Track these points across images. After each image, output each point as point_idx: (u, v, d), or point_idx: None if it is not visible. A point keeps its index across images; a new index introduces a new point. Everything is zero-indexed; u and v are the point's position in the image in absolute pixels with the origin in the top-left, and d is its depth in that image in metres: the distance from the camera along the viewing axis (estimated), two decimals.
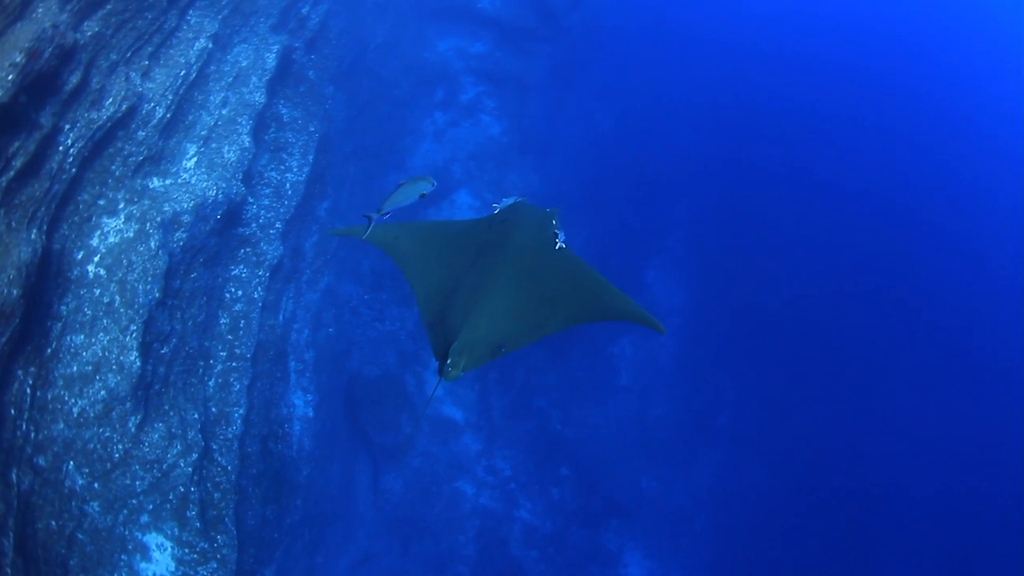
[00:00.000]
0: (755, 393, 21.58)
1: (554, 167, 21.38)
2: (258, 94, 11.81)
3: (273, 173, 12.24)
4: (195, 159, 10.57)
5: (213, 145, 10.91)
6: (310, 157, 12.65)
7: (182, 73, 10.50)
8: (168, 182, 10.10)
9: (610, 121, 24.67)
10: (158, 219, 9.35)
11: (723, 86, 28.12)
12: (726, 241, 24.04)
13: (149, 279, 8.95)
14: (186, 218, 9.73)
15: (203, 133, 10.84)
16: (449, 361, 4.41)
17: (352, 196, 16.75)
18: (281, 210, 11.81)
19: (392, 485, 16.92)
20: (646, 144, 25.00)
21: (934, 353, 24.26)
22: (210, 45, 11.09)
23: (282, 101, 13.39)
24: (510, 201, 5.58)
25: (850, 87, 31.44)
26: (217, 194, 10.13)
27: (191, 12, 11.18)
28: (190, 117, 10.86)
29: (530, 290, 4.86)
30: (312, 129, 13.17)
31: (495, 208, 5.54)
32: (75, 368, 8.44)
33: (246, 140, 11.03)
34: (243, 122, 11.35)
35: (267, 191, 11.98)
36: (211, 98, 11.30)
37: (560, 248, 5.07)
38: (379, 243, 5.46)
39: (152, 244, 9.15)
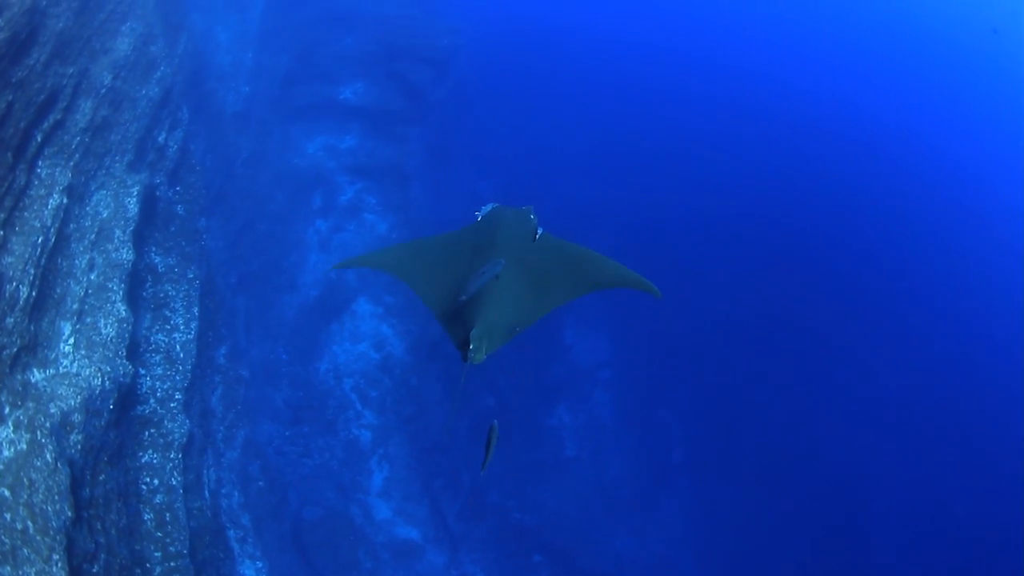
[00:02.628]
0: (700, 421, 21.23)
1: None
2: (125, 250, 10.53)
3: (160, 336, 10.88)
4: (72, 340, 9.24)
5: (88, 320, 9.59)
6: (195, 309, 11.38)
7: (40, 240, 9.17)
8: (50, 373, 8.75)
9: (494, 188, 24.22)
10: (47, 425, 8.07)
11: (603, 127, 28.16)
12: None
13: (56, 498, 7.69)
14: (76, 417, 8.40)
15: (75, 307, 9.54)
16: (472, 347, 4.74)
17: (250, 330, 15.45)
18: (177, 378, 10.46)
19: None
20: (534, 200, 24.60)
21: (859, 357, 24.74)
22: (65, 200, 9.80)
23: (154, 248, 12.10)
24: (488, 208, 6.06)
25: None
26: (104, 381, 8.77)
27: (40, 163, 9.91)
28: (58, 290, 9.51)
29: (527, 275, 5.32)
30: (191, 276, 11.90)
31: (477, 216, 5.96)
32: None
33: (122, 309, 9.73)
34: (115, 287, 10.05)
35: (157, 358, 10.61)
36: (76, 262, 9.99)
37: (542, 235, 5.63)
38: (382, 267, 5.83)
39: (48, 457, 7.85)
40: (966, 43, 43.86)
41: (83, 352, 9.19)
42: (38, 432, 7.98)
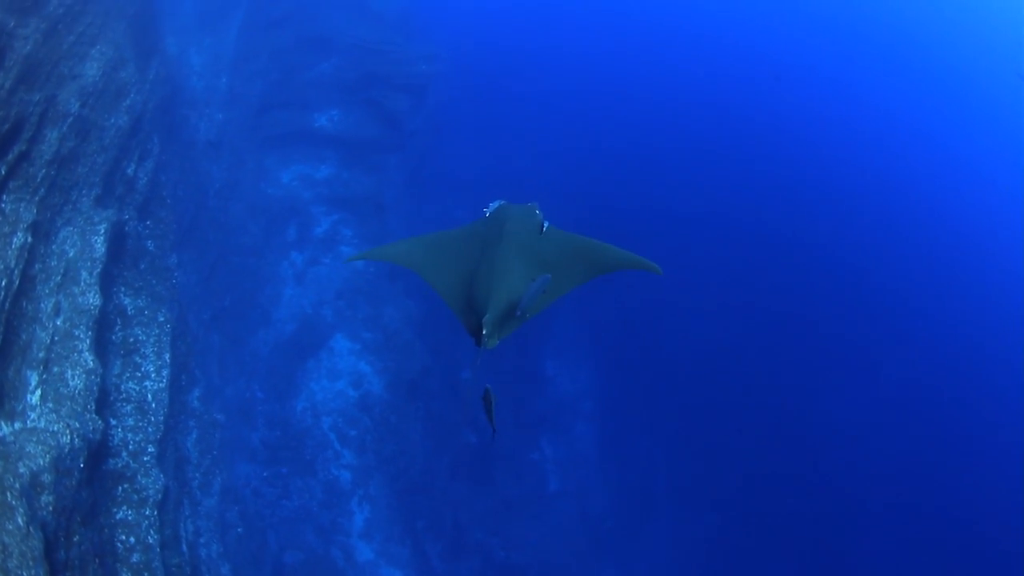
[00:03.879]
0: (682, 449, 20.96)
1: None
2: (92, 295, 9.88)
3: (131, 384, 10.23)
4: (39, 391, 8.61)
5: (55, 370, 8.96)
6: (167, 355, 10.74)
7: (4, 283, 8.53)
8: (17, 427, 8.11)
9: (471, 215, 23.75)
10: (16, 486, 7.42)
11: (579, 151, 28.00)
12: (609, 306, 23.44)
13: (30, 564, 7.07)
14: (47, 477, 7.77)
15: (41, 355, 8.88)
16: (485, 332, 4.96)
17: (224, 368, 14.79)
18: (149, 429, 9.81)
19: None
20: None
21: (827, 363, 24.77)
22: (30, 239, 9.14)
23: (123, 289, 11.42)
24: (496, 204, 6.27)
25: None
26: (73, 439, 8.14)
27: (4, 198, 9.24)
28: (23, 336, 8.84)
29: (534, 265, 5.56)
30: (162, 319, 11.26)
31: (486, 212, 6.20)
32: None
33: (89, 359, 9.11)
34: (82, 335, 9.40)
35: (128, 408, 9.96)
36: (42, 306, 9.32)
37: (548, 228, 5.90)
38: (395, 259, 6.18)
39: (20, 520, 7.22)
40: (994, 87, 46.51)
41: (51, 406, 8.55)
42: (8, 493, 7.35)
